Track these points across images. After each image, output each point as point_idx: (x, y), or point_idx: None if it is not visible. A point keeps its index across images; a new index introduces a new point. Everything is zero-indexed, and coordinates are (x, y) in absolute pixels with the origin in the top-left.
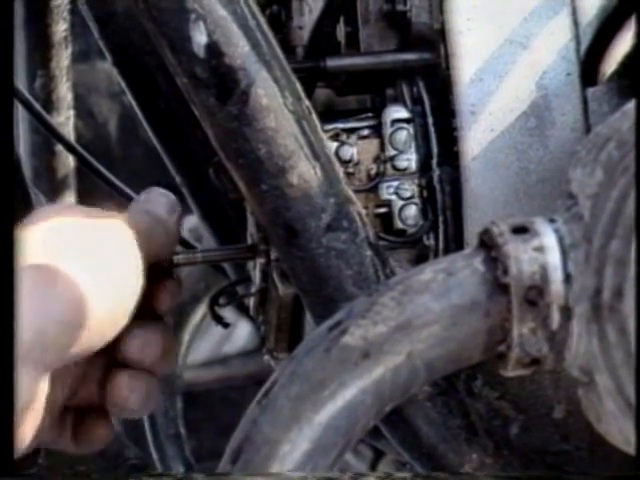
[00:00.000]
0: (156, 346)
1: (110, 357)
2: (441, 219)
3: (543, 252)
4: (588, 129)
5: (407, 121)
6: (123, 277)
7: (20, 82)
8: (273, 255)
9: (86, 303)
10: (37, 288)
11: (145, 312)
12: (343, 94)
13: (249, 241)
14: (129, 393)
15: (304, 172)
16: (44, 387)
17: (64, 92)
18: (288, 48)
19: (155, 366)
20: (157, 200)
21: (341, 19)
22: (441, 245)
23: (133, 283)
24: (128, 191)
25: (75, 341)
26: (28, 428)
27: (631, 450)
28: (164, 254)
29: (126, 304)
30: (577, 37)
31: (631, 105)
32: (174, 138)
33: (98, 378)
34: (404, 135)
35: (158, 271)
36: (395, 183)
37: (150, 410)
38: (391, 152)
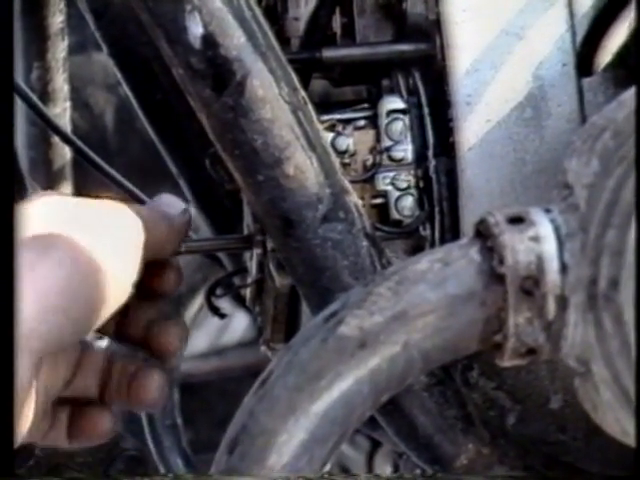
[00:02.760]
0: (183, 338)
1: (110, 347)
2: (437, 209)
3: (539, 242)
4: (584, 119)
5: (403, 112)
6: (125, 251)
7: (17, 74)
8: (269, 246)
9: (101, 271)
10: (37, 256)
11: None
12: (339, 85)
13: (245, 232)
14: (160, 391)
15: (300, 163)
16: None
17: (60, 84)
18: (284, 39)
19: (173, 359)
20: (168, 202)
21: (337, 10)
22: (437, 235)
23: (134, 260)
24: (125, 182)
25: (88, 314)
26: (27, 409)
27: (627, 440)
28: (164, 250)
29: (130, 277)
30: (573, 28)
31: (627, 95)
32: (170, 129)
33: (97, 369)
34: (400, 126)
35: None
36: (391, 174)
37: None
38: (387, 143)
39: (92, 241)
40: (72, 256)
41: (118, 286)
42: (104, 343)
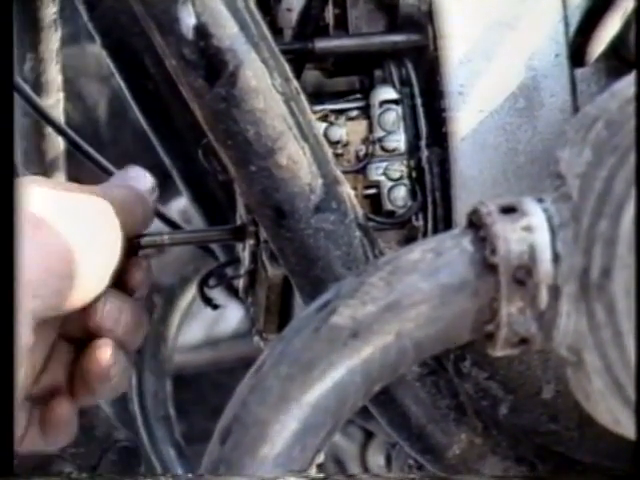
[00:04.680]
0: (130, 315)
1: (79, 338)
2: (430, 200)
3: (531, 232)
4: (576, 110)
5: (396, 102)
6: (104, 237)
7: None
8: (262, 236)
9: (73, 254)
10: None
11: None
12: (332, 76)
13: (238, 222)
14: (112, 361)
15: (293, 153)
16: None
17: (53, 75)
18: (276, 30)
19: (127, 337)
20: (137, 177)
21: (329, 1)
22: (430, 226)
23: (113, 245)
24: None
25: (63, 291)
26: (24, 372)
27: (619, 430)
28: (139, 228)
29: (107, 265)
30: (566, 18)
31: (619, 85)
32: (163, 120)
33: (65, 361)
34: (393, 116)
35: (128, 250)
36: (384, 164)
37: (124, 389)
38: (380, 133)
39: (73, 227)
40: (56, 238)
41: (97, 272)
42: None
